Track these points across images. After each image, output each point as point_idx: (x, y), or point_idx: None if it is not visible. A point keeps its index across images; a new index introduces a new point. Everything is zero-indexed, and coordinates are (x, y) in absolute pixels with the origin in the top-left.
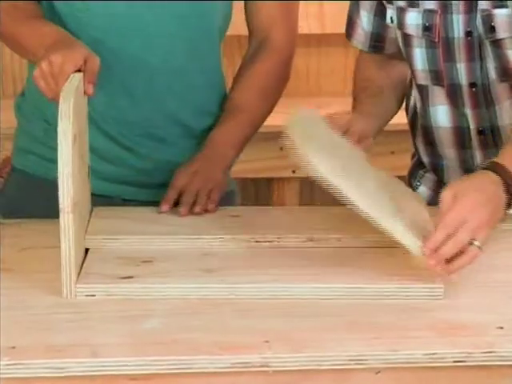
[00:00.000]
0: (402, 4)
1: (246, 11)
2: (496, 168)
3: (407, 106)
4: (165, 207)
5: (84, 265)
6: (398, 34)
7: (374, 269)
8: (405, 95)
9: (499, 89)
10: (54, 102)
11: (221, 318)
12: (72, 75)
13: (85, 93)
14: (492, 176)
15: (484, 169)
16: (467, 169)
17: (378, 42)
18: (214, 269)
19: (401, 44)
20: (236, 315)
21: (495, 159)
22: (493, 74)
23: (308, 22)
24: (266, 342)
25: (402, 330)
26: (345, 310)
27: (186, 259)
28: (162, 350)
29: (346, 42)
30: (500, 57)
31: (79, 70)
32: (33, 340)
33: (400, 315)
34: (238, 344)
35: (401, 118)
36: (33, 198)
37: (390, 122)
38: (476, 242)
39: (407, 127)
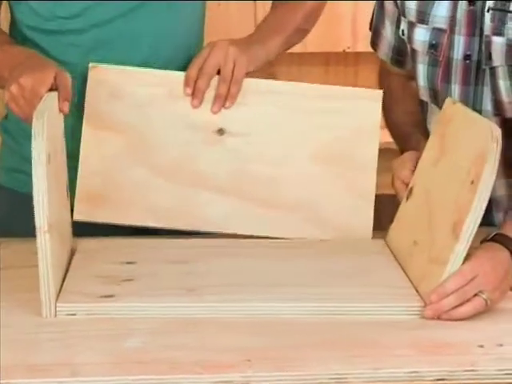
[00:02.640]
0: (412, 19)
1: None
2: (502, 239)
3: None
4: (188, 90)
5: (64, 283)
6: (408, 47)
7: (355, 287)
8: None
9: (492, 121)
10: (28, 122)
11: (202, 336)
12: (46, 95)
13: (60, 111)
14: (498, 245)
15: (490, 241)
16: None
17: (399, 55)
18: (195, 288)
19: (410, 58)
20: (217, 334)
21: (499, 231)
22: (488, 104)
23: None
24: (248, 360)
25: (384, 348)
26: (326, 329)
27: (167, 278)
28: (143, 369)
29: (327, 61)
30: (495, 86)
31: (51, 89)
32: (14, 360)
33: (382, 333)
34: (220, 363)
35: None
36: (24, 216)
37: None
38: (483, 295)
39: None
